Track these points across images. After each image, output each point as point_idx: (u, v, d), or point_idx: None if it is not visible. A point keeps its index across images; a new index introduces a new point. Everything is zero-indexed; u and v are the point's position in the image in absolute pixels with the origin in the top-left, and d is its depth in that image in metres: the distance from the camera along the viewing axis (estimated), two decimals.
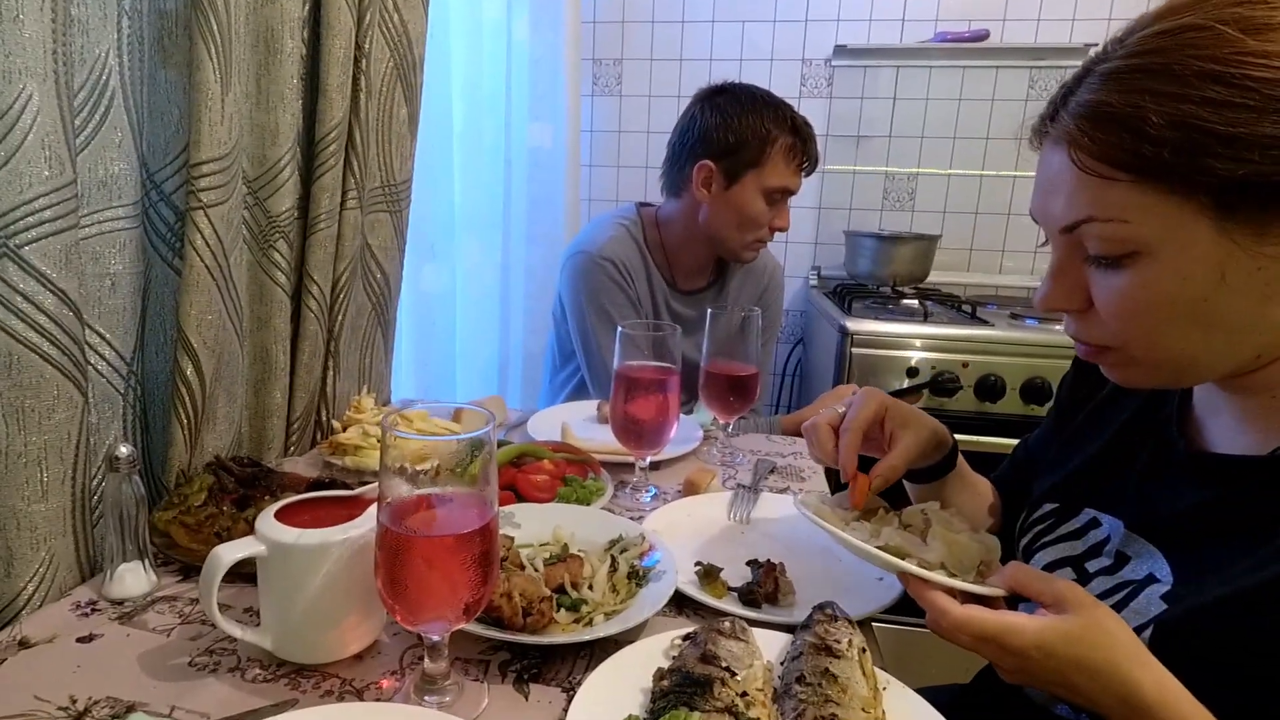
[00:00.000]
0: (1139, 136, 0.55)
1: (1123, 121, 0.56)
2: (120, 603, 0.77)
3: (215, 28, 0.85)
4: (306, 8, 1.06)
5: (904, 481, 0.96)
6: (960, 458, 0.96)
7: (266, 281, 1.07)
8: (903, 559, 0.70)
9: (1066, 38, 2.38)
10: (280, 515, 0.69)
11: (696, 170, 1.59)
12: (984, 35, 2.37)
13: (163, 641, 0.72)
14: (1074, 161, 0.59)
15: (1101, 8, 2.35)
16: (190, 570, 0.82)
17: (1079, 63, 0.63)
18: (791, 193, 1.60)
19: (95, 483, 0.81)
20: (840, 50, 2.47)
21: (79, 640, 0.71)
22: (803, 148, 1.56)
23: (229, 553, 0.65)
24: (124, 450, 0.74)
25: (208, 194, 0.88)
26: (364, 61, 1.13)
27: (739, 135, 1.55)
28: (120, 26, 0.81)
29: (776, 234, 1.64)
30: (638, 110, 2.63)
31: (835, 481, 1.24)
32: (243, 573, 0.68)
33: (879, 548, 0.72)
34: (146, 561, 0.79)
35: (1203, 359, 0.62)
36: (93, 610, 0.76)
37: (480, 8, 1.97)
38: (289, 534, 0.66)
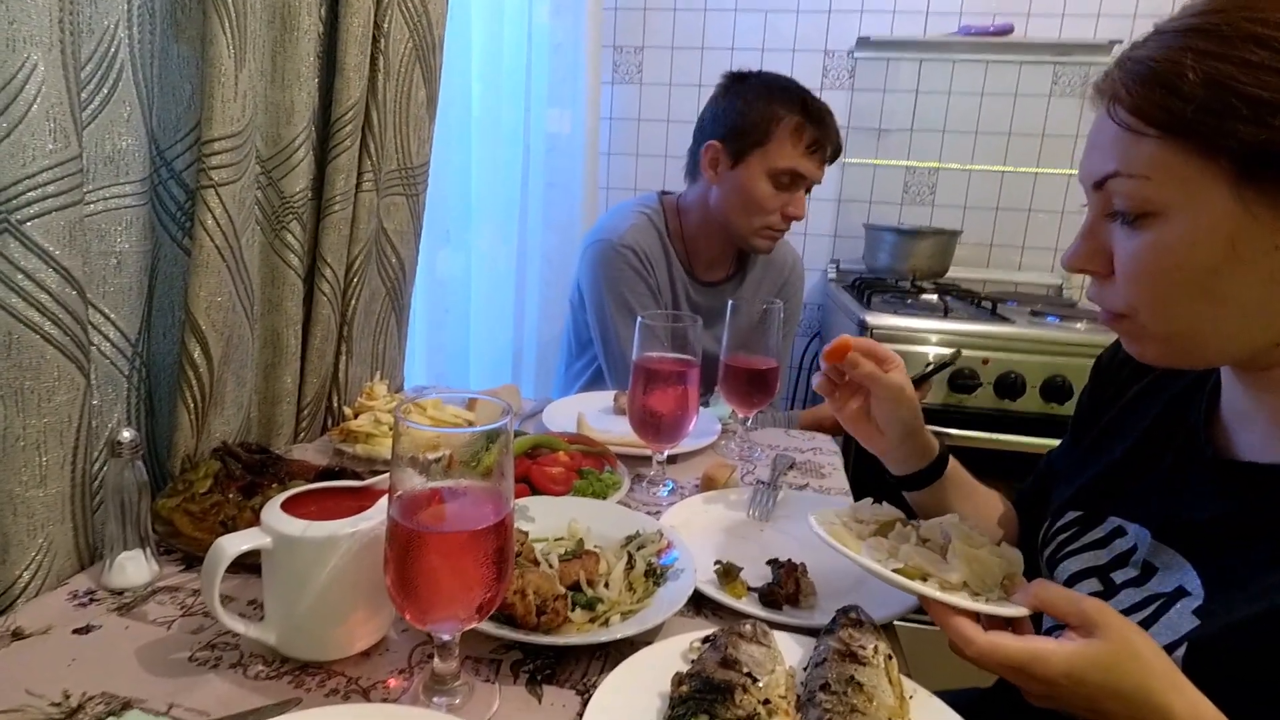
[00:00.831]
0: (1171, 92, 0.56)
1: (1160, 77, 0.57)
2: (120, 593, 0.74)
3: (230, 2, 0.82)
4: None
5: (902, 492, 0.96)
6: (959, 467, 0.94)
7: (279, 264, 1.05)
8: (924, 579, 0.68)
9: (1091, 33, 2.34)
10: (287, 506, 0.67)
11: (704, 151, 1.58)
12: (1008, 29, 2.34)
13: (162, 634, 0.69)
14: (1110, 115, 0.60)
15: (1127, 4, 2.31)
16: (193, 560, 0.80)
17: (1104, 59, 0.65)
18: (802, 177, 1.53)
19: (96, 468, 0.79)
20: (863, 42, 2.44)
21: (75, 631, 0.69)
22: (813, 128, 1.50)
23: (232, 544, 0.62)
24: (127, 435, 0.72)
25: (219, 172, 0.85)
26: (382, 41, 1.10)
27: (745, 115, 1.53)
28: None
29: (795, 225, 1.61)
30: (658, 99, 2.59)
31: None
32: (248, 564, 0.66)
33: (897, 569, 0.69)
34: (148, 550, 0.76)
35: (1212, 337, 0.61)
36: (91, 600, 0.73)
37: None
38: (295, 526, 0.64)
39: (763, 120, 1.51)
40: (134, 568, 0.75)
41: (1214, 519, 0.66)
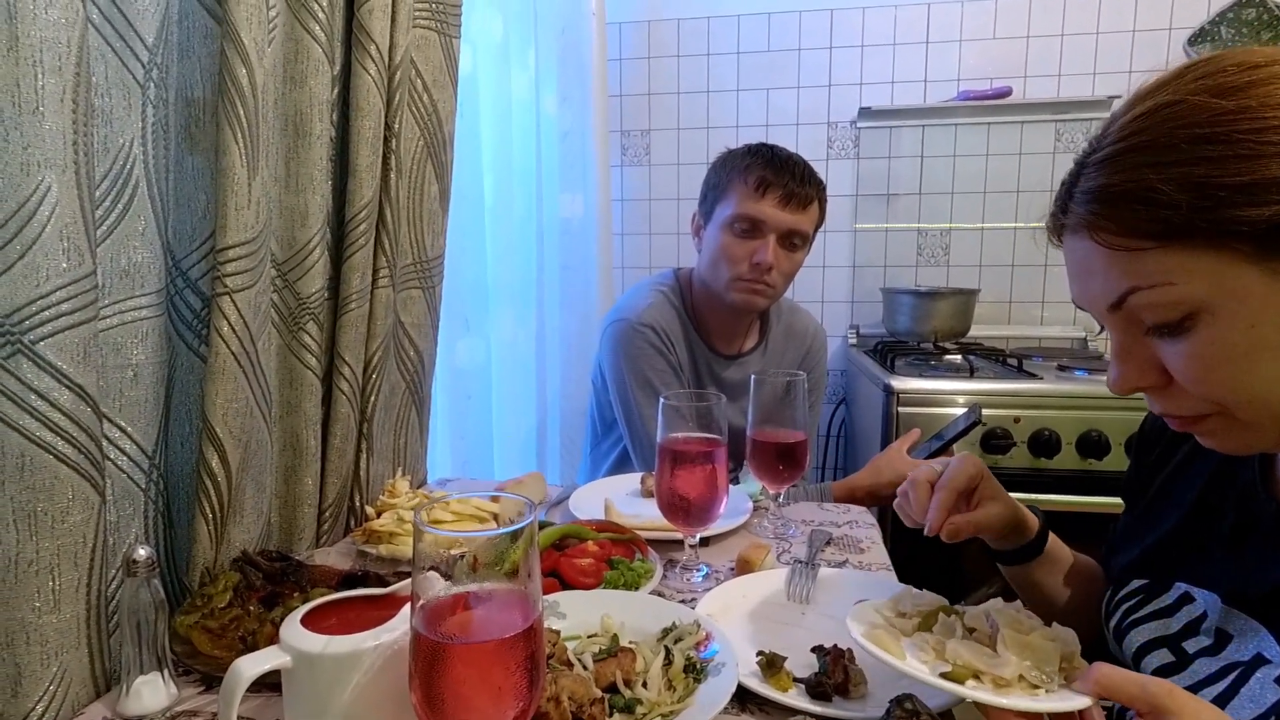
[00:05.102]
0: (1153, 205, 0.56)
1: (1133, 196, 0.57)
2: None
3: (242, 113, 0.84)
4: (335, 91, 1.06)
5: (999, 566, 0.93)
6: (1055, 541, 0.91)
7: (296, 365, 1.04)
8: (976, 676, 0.64)
9: (1089, 91, 2.37)
10: (307, 620, 0.64)
11: (691, 222, 1.65)
12: (1007, 92, 2.39)
13: None
14: (1098, 243, 0.60)
15: (1122, 61, 2.36)
16: (213, 680, 0.76)
17: (1103, 114, 0.65)
18: (760, 221, 1.50)
19: (113, 588, 0.76)
20: (865, 112, 2.49)
21: None
22: (760, 169, 1.49)
23: (250, 666, 0.59)
24: (142, 553, 0.70)
25: (234, 279, 0.85)
26: (394, 141, 1.12)
27: (711, 177, 1.60)
28: (145, 115, 0.80)
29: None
30: (667, 178, 2.64)
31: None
32: (270, 682, 0.62)
33: (945, 674, 0.64)
34: (166, 672, 0.73)
35: None
36: None
37: (509, 84, 2.00)
38: (316, 642, 0.61)
39: (723, 177, 1.56)
40: (150, 693, 0.72)
41: None
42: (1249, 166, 0.54)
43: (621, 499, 1.29)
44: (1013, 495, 0.87)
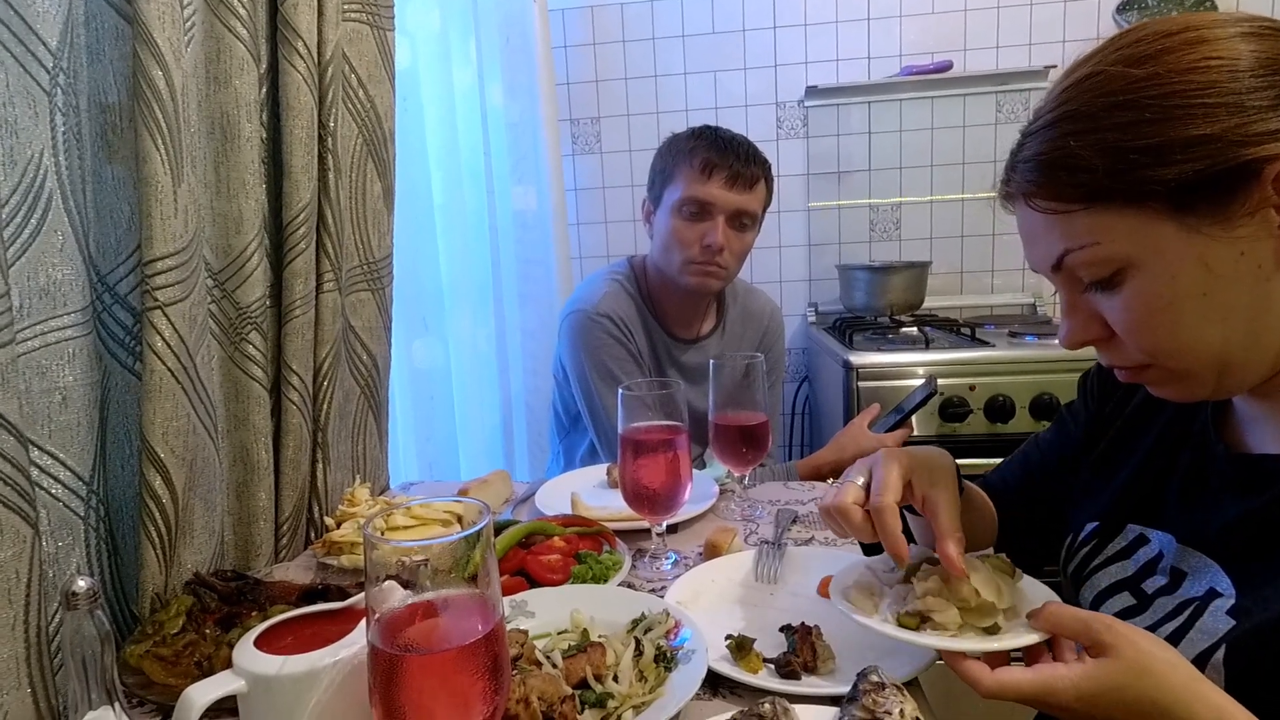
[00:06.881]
0: (1075, 170, 0.61)
1: (1058, 163, 0.62)
2: None
3: (161, 118, 0.80)
4: (264, 90, 1.02)
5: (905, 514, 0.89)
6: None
7: (241, 376, 1.01)
8: (925, 620, 0.70)
9: (1026, 62, 2.41)
10: (261, 641, 0.62)
11: (641, 208, 1.65)
12: (947, 66, 2.42)
13: None
14: (1033, 209, 0.65)
15: (1056, 31, 2.40)
16: (169, 710, 0.73)
17: (1041, 84, 0.71)
18: (708, 203, 1.50)
19: (54, 623, 0.73)
20: (812, 91, 2.50)
21: None
22: (705, 151, 1.50)
23: (202, 694, 0.57)
24: (81, 584, 0.66)
25: (165, 292, 0.81)
26: (330, 140, 1.08)
27: (658, 162, 1.60)
28: (54, 124, 0.76)
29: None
30: (620, 165, 2.62)
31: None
32: (228, 707, 0.60)
33: (899, 623, 0.71)
34: (117, 706, 0.69)
35: (1234, 356, 0.62)
36: None
37: (451, 77, 1.95)
38: (271, 664, 0.59)
39: (669, 161, 1.56)
40: None
41: (1237, 517, 0.66)
42: (1156, 129, 0.58)
43: (588, 491, 1.28)
44: (973, 461, 0.86)
